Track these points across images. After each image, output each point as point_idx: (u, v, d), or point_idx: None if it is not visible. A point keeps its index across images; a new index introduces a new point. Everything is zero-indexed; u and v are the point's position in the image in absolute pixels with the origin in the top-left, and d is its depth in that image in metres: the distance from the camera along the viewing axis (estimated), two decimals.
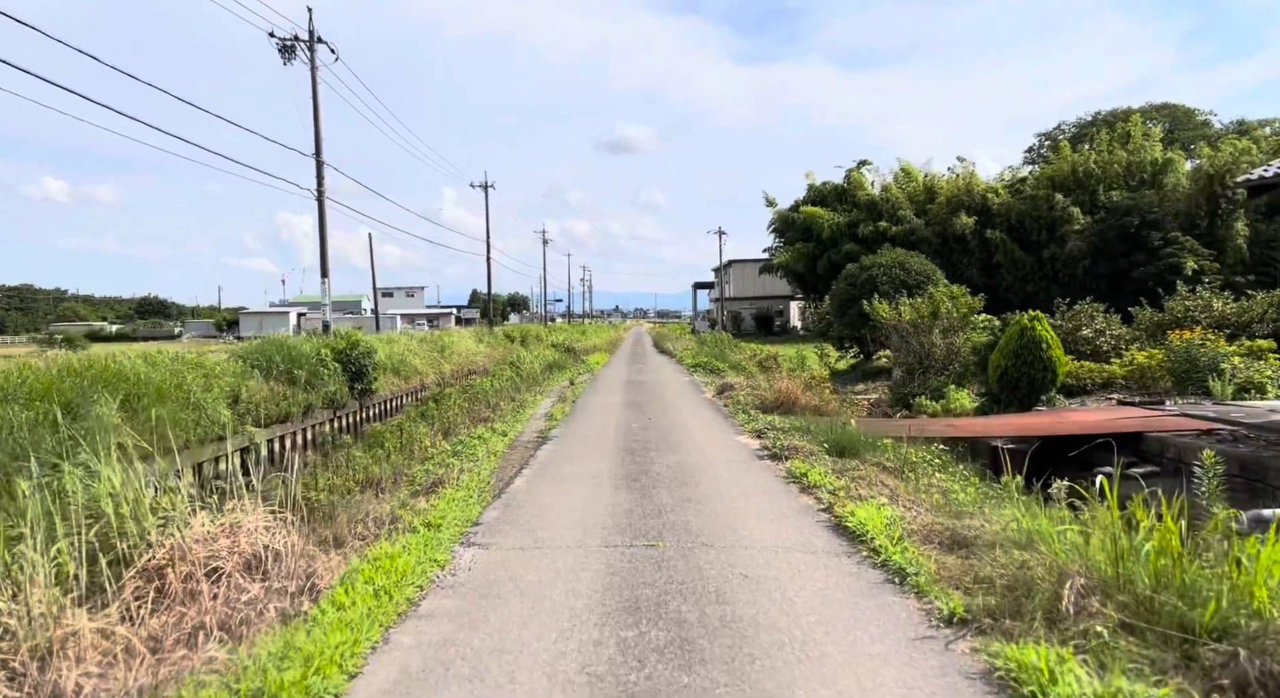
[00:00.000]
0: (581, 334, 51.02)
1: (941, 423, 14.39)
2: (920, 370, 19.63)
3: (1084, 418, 14.10)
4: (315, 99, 26.30)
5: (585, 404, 17.14)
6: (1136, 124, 48.92)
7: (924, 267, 23.22)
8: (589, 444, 11.59)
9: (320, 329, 26.80)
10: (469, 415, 15.00)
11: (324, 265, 26.65)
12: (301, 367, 22.72)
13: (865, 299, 22.11)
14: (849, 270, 24.31)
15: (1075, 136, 57.54)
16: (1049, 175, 49.24)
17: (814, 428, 11.64)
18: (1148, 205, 47.64)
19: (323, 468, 11.11)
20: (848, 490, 8.02)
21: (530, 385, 21.99)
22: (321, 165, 26.31)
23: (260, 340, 23.61)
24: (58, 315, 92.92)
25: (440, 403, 15.25)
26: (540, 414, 15.56)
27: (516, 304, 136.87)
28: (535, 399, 18.34)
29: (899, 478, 9.05)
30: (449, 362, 34.98)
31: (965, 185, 50.67)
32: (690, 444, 11.42)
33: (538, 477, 9.33)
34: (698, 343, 36.34)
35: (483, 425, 13.99)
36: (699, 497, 8.07)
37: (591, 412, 15.58)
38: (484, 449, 11.07)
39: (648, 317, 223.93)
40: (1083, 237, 48.62)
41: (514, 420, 14.59)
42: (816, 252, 53.00)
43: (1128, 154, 48.19)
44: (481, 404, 16.89)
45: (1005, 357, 16.10)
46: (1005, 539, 5.90)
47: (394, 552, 5.99)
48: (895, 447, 10.03)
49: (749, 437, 11.98)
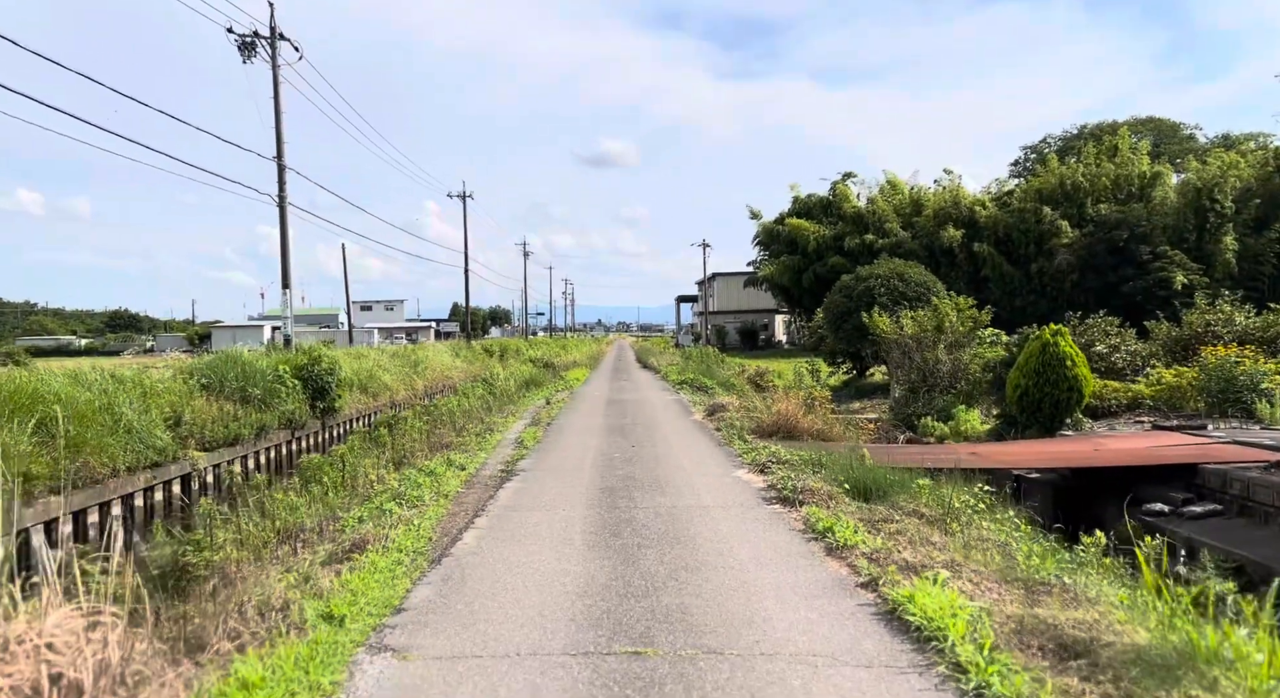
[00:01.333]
0: (562, 349, 48.83)
1: (964, 450, 12.55)
2: (924, 388, 17.84)
3: (1123, 446, 12.30)
4: (277, 99, 24.31)
5: (562, 428, 15.17)
6: (1124, 137, 47.82)
7: (923, 278, 21.54)
8: (562, 481, 9.63)
9: (282, 344, 24.70)
10: (428, 443, 13.00)
11: (285, 276, 24.59)
12: (256, 384, 20.60)
13: (864, 311, 20.36)
14: (844, 282, 22.58)
15: (1062, 149, 56.42)
16: (1036, 188, 47.97)
17: (825, 460, 9.74)
18: (1136, 219, 46.39)
19: (245, 509, 9.05)
20: (889, 553, 6.12)
21: (504, 404, 19.99)
22: (283, 170, 24.30)
23: (212, 356, 21.50)
24: (24, 329, 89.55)
25: (394, 428, 13.24)
26: (509, 440, 13.58)
27: (498, 318, 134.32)
28: (506, 422, 16.34)
29: (942, 530, 7.17)
30: (422, 378, 32.88)
31: (952, 198, 49.33)
32: (682, 481, 9.49)
33: (494, 530, 7.36)
34: (683, 358, 34.50)
35: (442, 454, 12.00)
36: (697, 562, 6.14)
37: (568, 438, 13.61)
38: (433, 490, 9.07)
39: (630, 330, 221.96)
40: (1071, 250, 47.28)
41: (479, 448, 12.59)
42: (802, 265, 51.42)
43: (1115, 167, 47.02)
44: (446, 428, 14.89)
45: (1025, 375, 14.31)
46: (1147, 653, 4.02)
47: (257, 678, 4.00)
48: (931, 489, 8.14)
49: (750, 471, 10.05)
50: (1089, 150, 48.78)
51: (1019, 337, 15.68)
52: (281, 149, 24.22)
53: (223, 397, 19.81)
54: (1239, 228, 44.60)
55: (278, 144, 24.23)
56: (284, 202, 24.25)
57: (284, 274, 24.54)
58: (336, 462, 10.77)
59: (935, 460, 11.59)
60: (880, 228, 49.80)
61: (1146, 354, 18.68)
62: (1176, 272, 42.95)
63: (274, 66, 24.39)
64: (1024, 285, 46.74)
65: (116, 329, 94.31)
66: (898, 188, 52.09)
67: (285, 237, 24.52)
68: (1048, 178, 47.86)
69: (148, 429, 16.13)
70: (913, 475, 9.43)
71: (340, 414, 24.50)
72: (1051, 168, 47.84)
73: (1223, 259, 43.71)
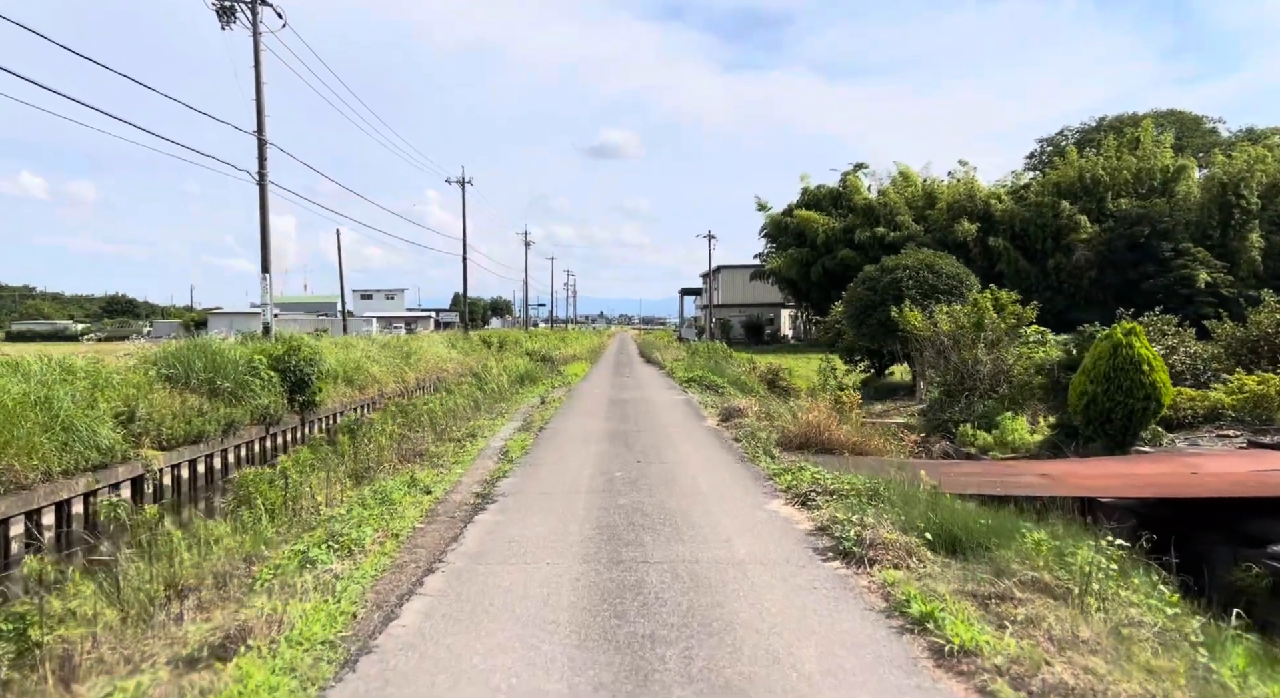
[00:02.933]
0: (561, 341, 46.39)
1: (1031, 471, 10.33)
2: (962, 392, 15.64)
3: (1224, 468, 10.08)
4: (258, 67, 22.08)
5: (556, 434, 12.95)
6: (1147, 130, 45.43)
7: (956, 269, 19.31)
8: (549, 514, 7.43)
9: (261, 332, 22.52)
10: (398, 451, 10.80)
11: (265, 259, 22.39)
12: (227, 376, 18.32)
13: (892, 305, 18.14)
14: (868, 273, 20.35)
15: (1080, 142, 54.04)
16: (1055, 181, 45.65)
17: (882, 489, 7.54)
18: (1158, 214, 44.07)
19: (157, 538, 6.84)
20: (1033, 668, 3.94)
21: (495, 402, 17.78)
22: (264, 145, 22.08)
23: (178, 343, 19.21)
24: (20, 313, 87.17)
25: (357, 434, 11.04)
26: (494, 449, 11.36)
27: (499, 309, 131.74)
28: (494, 424, 14.13)
29: (1078, 608, 4.98)
30: (414, 369, 30.68)
31: (967, 191, 47.00)
32: (702, 517, 7.29)
33: (448, 600, 5.15)
34: (688, 353, 32.26)
35: (413, 467, 9.82)
36: (743, 680, 3.96)
37: (561, 449, 11.40)
38: (381, 525, 6.84)
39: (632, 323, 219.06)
40: (1090, 246, 44.98)
41: (455, 460, 10.37)
42: (810, 257, 49.11)
43: (1137, 160, 44.69)
44: (426, 431, 12.70)
45: (1094, 381, 12.09)
46: None
47: None
48: (1036, 546, 5.90)
49: (789, 504, 7.81)
50: (1109, 143, 46.42)
51: (1077, 336, 13.51)
52: (262, 122, 22.00)
53: (188, 389, 17.60)
54: (1265, 224, 42.32)
55: (258, 117, 22.01)
56: (264, 179, 22.05)
57: (263, 257, 22.34)
58: (278, 478, 8.61)
59: (1004, 486, 9.41)
60: (892, 221, 47.48)
61: (1208, 357, 16.46)
62: (1200, 269, 40.68)
63: (254, 32, 22.16)
64: (1040, 282, 44.47)
65: (113, 315, 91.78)
66: (910, 179, 49.74)
67: (265, 217, 22.33)
68: (1066, 171, 45.55)
69: (91, 427, 13.92)
70: (995, 511, 7.25)
71: (321, 408, 22.31)
72: (1071, 160, 45.51)
73: (1248, 256, 41.43)
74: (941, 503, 6.90)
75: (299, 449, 12.59)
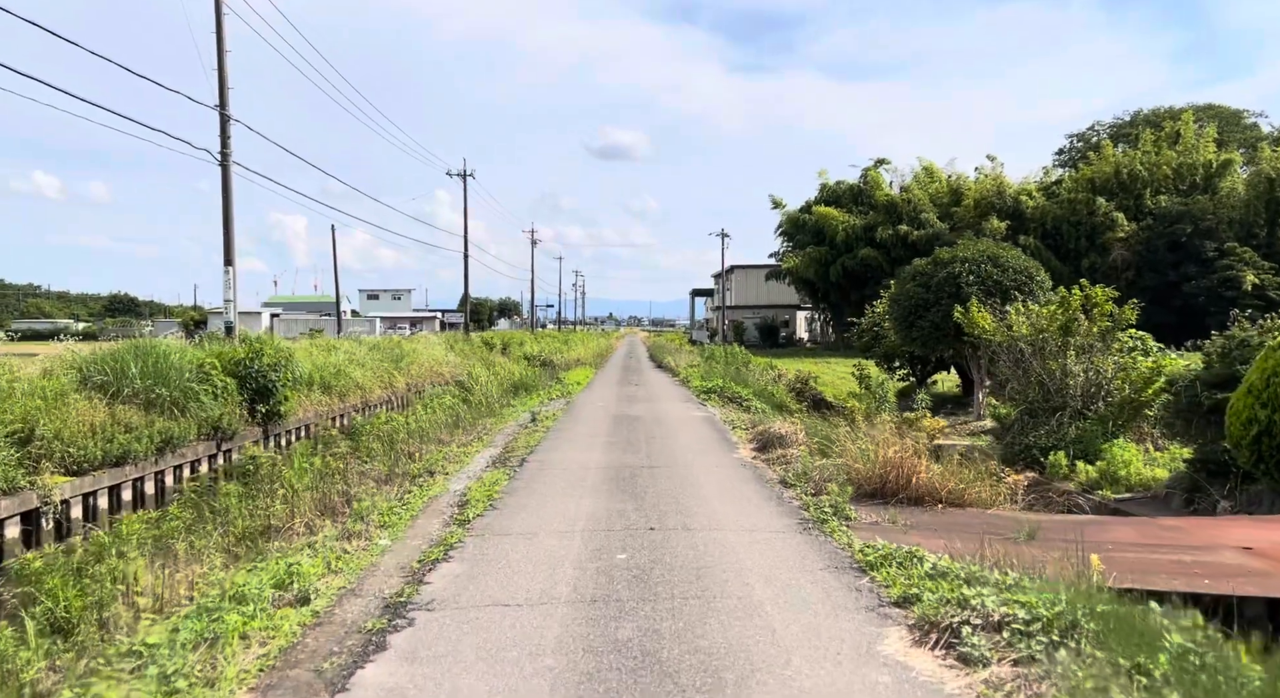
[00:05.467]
0: (564, 344, 42.51)
1: (1221, 542, 6.97)
2: (1048, 411, 12.35)
3: None
4: (219, 30, 18.93)
5: (539, 472, 9.64)
6: (1187, 123, 41.87)
7: (1024, 263, 16.01)
8: (500, 666, 4.20)
9: (223, 332, 19.39)
10: (319, 498, 7.55)
11: (228, 250, 19.25)
12: (169, 383, 15.17)
13: (952, 304, 14.86)
14: (919, 267, 17.07)
15: (1113, 137, 50.46)
16: (1089, 177, 42.12)
17: (1080, 614, 4.25)
18: (1200, 212, 40.46)
19: None
20: None
21: (480, 416, 14.54)
22: (226, 121, 18.94)
23: (112, 345, 16.09)
24: (21, 312, 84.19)
25: (251, 479, 7.79)
26: (448, 500, 8.03)
27: (507, 310, 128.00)
28: (466, 452, 10.85)
29: None
30: (405, 374, 27.48)
31: (995, 187, 43.53)
32: (771, 671, 4.05)
33: None
34: (703, 358, 28.89)
35: (325, 527, 6.62)
36: None
37: (542, 497, 8.08)
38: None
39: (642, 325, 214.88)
40: (1127, 245, 41.44)
41: (388, 518, 7.04)
42: (829, 257, 45.72)
43: (1177, 155, 41.14)
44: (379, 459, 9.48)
45: (1266, 404, 8.78)
46: None
47: None
48: None
49: (919, 642, 4.30)
50: (1146, 137, 42.88)
51: (1224, 342, 10.24)
52: (224, 95, 18.84)
53: (119, 400, 14.49)
54: None
55: (220, 88, 18.86)
56: (227, 159, 18.89)
57: (226, 247, 19.18)
58: (94, 559, 5.43)
59: (1205, 575, 6.10)
60: (915, 218, 44.08)
61: None
62: (1246, 270, 37.12)
63: None
64: (1073, 283, 41.03)
65: (115, 313, 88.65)
66: (935, 175, 46.29)
67: (229, 203, 19.18)
68: (1102, 166, 42.02)
69: None
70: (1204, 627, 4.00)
71: (289, 419, 19.12)
72: (1106, 155, 42.00)
73: None
74: (1147, 627, 3.64)
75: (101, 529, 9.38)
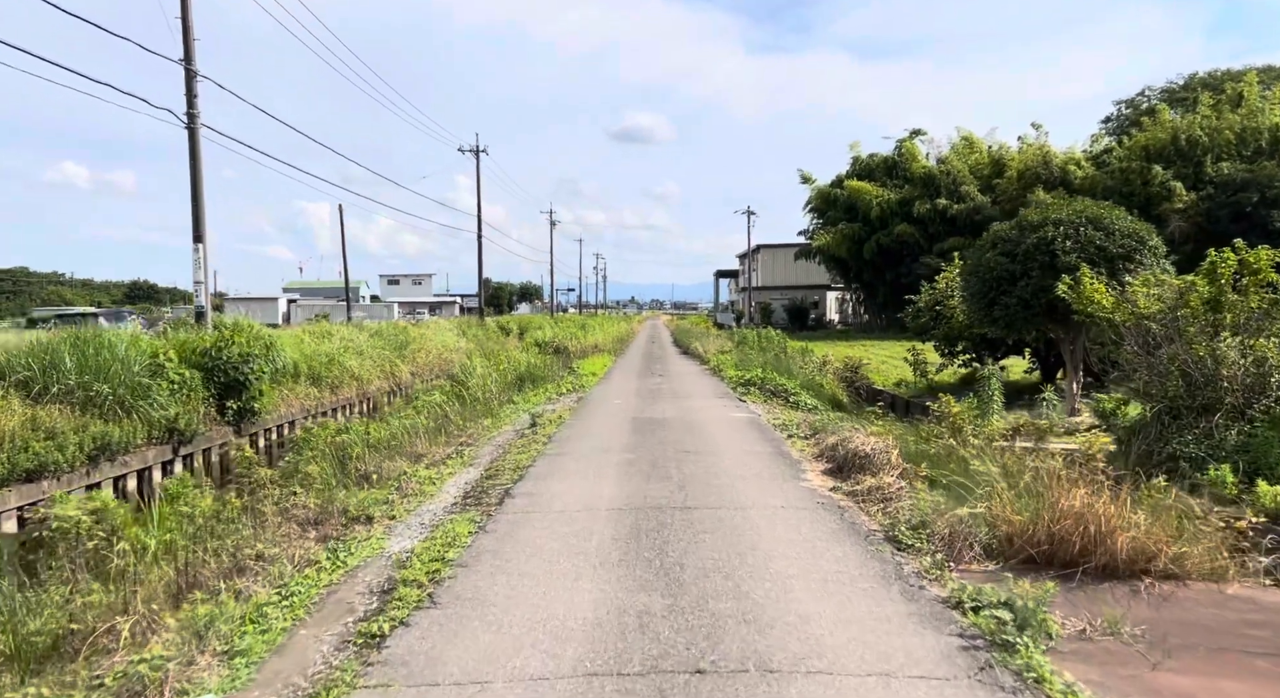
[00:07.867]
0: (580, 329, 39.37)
1: None
2: (1195, 410, 9.55)
3: None
4: None
5: (524, 518, 6.83)
6: (1251, 83, 38.17)
7: (1132, 226, 13.10)
8: None
9: (194, 318, 17.04)
10: (180, 573, 5.03)
11: (197, 225, 16.83)
12: (109, 379, 12.77)
13: (1049, 276, 12.06)
14: (1000, 232, 14.24)
15: (1165, 102, 46.70)
16: (1143, 144, 38.59)
17: None
18: (1268, 179, 36.83)
19: None
20: None
21: (473, 417, 11.99)
22: (192, 78, 16.45)
23: (47, 336, 13.73)
24: (42, 299, 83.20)
25: (87, 535, 5.26)
26: (367, 582, 5.31)
27: (529, 294, 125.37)
28: (439, 475, 8.24)
29: None
30: (410, 363, 25.06)
31: (1040, 157, 40.12)
32: None
33: None
34: (733, 342, 26.05)
35: (167, 626, 4.11)
36: None
37: (518, 586, 5.18)
38: None
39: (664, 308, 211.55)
40: (1185, 216, 37.93)
41: (255, 625, 4.52)
42: (863, 233, 42.67)
43: (1240, 118, 37.53)
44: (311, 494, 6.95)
45: None
46: None
47: None
48: None
49: None
50: (1205, 100, 39.24)
51: None
52: (190, 47, 16.35)
53: (47, 400, 12.16)
54: None
55: (185, 41, 16.36)
56: (194, 120, 16.43)
57: (195, 222, 16.76)
58: None
59: None
60: (955, 191, 40.85)
61: None
62: None
63: None
64: None
65: (135, 300, 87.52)
66: (975, 146, 42.96)
67: (197, 171, 16.73)
68: (1157, 132, 38.47)
69: None
70: None
71: (267, 417, 16.66)
72: (1163, 120, 38.45)
73: None
74: None
75: None
